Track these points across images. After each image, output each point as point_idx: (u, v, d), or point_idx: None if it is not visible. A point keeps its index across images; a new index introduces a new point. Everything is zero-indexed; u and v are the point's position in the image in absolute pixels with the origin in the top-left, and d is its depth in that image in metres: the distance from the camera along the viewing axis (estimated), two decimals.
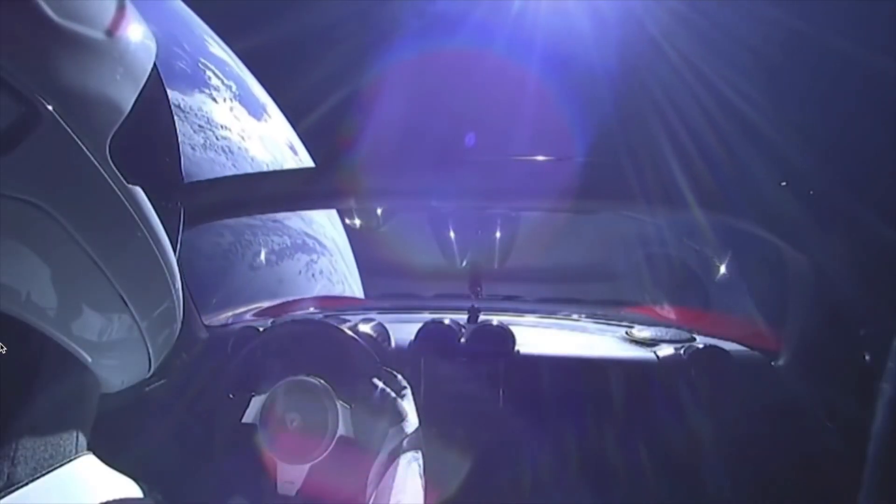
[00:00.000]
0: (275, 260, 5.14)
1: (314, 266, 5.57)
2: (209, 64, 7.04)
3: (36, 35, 0.32)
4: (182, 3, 7.56)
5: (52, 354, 0.36)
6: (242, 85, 7.40)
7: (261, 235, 5.08)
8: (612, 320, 1.63)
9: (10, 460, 0.32)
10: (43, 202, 0.31)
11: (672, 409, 1.24)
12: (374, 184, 1.30)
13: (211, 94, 6.69)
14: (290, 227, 5.62)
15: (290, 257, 5.42)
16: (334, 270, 5.77)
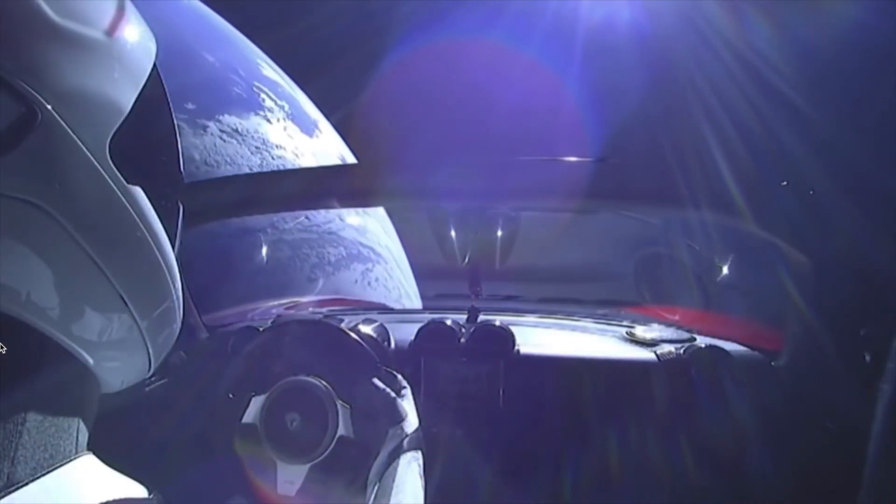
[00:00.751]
0: (331, 271, 5.21)
1: (370, 274, 5.63)
2: (263, 87, 7.19)
3: (36, 35, 0.32)
4: (237, 31, 7.68)
5: (52, 354, 0.36)
6: (294, 104, 7.56)
7: (317, 247, 5.16)
8: (612, 320, 1.63)
9: (10, 460, 0.32)
10: (43, 202, 0.31)
11: (672, 409, 1.24)
12: (376, 184, 1.30)
13: (265, 115, 6.85)
14: (344, 238, 5.70)
15: (346, 268, 5.50)
16: (390, 277, 5.80)
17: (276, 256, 4.44)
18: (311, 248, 5.10)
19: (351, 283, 5.45)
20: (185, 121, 5.59)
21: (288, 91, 7.64)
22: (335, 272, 5.30)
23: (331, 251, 5.42)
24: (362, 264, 5.75)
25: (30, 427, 0.33)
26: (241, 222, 4.19)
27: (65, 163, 0.32)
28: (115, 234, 0.36)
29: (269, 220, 4.57)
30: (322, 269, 5.12)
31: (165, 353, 0.46)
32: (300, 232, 5.07)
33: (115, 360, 0.41)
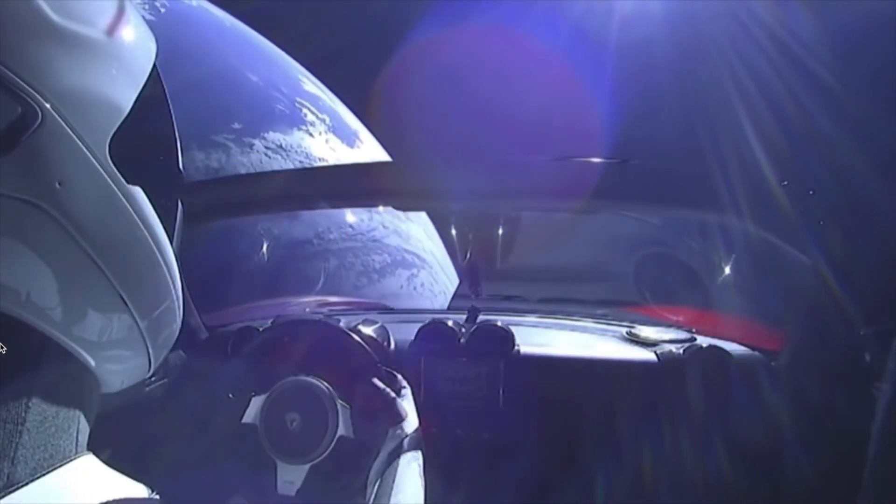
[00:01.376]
0: (377, 278, 5.25)
1: (415, 280, 5.66)
2: (304, 101, 7.32)
3: (36, 35, 0.32)
4: (278, 49, 7.78)
5: (52, 354, 0.36)
6: (335, 116, 7.68)
7: (361, 255, 5.24)
8: (612, 320, 1.63)
9: (10, 460, 0.32)
10: (43, 202, 0.31)
11: (672, 409, 1.24)
12: (377, 185, 1.30)
13: (308, 129, 7.00)
14: (388, 245, 5.73)
15: (391, 274, 5.53)
16: (435, 282, 5.82)
17: (322, 267, 4.53)
18: (357, 256, 5.19)
19: (396, 290, 5.46)
20: (231, 140, 5.67)
21: (328, 104, 7.80)
22: (380, 279, 5.35)
23: (375, 258, 5.48)
24: (407, 270, 5.79)
25: (30, 427, 0.33)
26: (288, 235, 4.24)
27: (65, 163, 0.32)
28: (115, 234, 0.36)
29: (315, 231, 4.60)
30: (368, 277, 5.20)
31: (165, 353, 0.46)
32: (345, 241, 5.16)
33: (115, 360, 0.41)
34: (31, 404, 0.33)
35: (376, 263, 5.45)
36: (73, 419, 0.37)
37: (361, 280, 4.98)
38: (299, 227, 4.70)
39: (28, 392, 0.34)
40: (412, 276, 5.68)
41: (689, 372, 1.22)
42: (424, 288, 5.64)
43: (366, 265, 5.30)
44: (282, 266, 3.82)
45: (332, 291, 4.54)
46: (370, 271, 5.27)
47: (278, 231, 3.99)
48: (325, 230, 4.78)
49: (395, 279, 5.42)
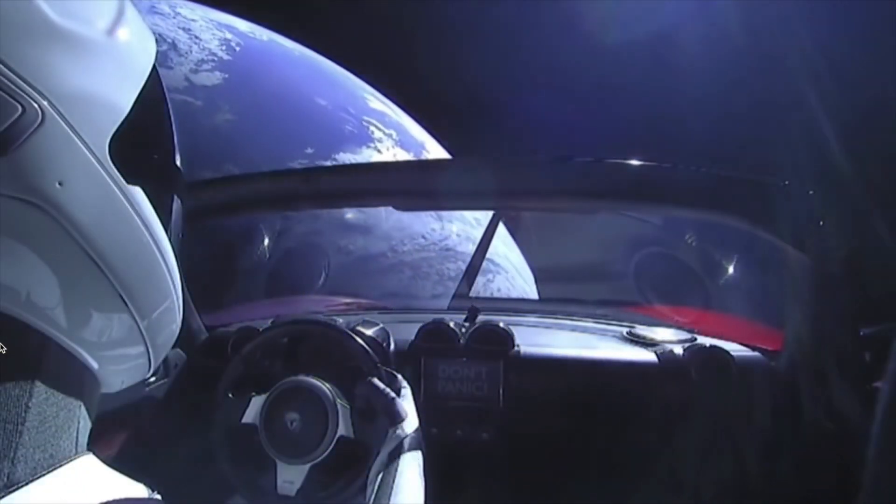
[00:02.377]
0: (452, 286, 5.27)
1: (491, 286, 5.50)
2: (372, 119, 7.42)
3: (36, 35, 0.32)
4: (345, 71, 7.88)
5: (52, 354, 0.36)
6: (402, 129, 7.79)
7: (436, 265, 5.24)
8: (612, 320, 1.63)
9: (10, 460, 0.32)
10: (43, 202, 0.31)
11: (673, 409, 1.24)
12: (377, 185, 1.30)
13: (376, 146, 7.10)
14: (462, 253, 5.66)
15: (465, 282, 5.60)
16: (512, 287, 5.70)
17: (399, 278, 4.51)
18: (431, 266, 5.19)
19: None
20: (305, 165, 5.71)
21: (395, 119, 7.89)
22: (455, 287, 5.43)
23: (450, 267, 5.45)
24: (482, 276, 5.75)
25: (30, 427, 0.33)
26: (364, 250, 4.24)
27: (65, 163, 0.32)
28: (115, 234, 0.36)
29: (389, 244, 4.59)
30: (443, 286, 5.14)
31: (165, 353, 0.46)
32: (418, 252, 5.19)
33: (115, 360, 0.41)
34: (31, 405, 0.33)
35: (451, 272, 5.41)
36: (73, 419, 0.37)
37: (437, 289, 4.93)
38: (374, 241, 4.73)
39: (28, 392, 0.34)
40: (488, 283, 5.51)
41: (689, 372, 1.22)
42: (502, 294, 5.51)
43: (440, 274, 5.29)
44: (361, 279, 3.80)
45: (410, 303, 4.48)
46: (445, 280, 5.23)
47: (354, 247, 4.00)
48: (398, 243, 4.82)
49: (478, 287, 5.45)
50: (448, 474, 0.94)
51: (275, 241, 2.57)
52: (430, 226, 5.54)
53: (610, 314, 1.72)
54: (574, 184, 1.21)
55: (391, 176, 1.33)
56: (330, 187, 1.26)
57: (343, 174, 1.33)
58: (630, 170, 1.21)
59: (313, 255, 2.83)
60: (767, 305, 1.50)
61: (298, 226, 3.38)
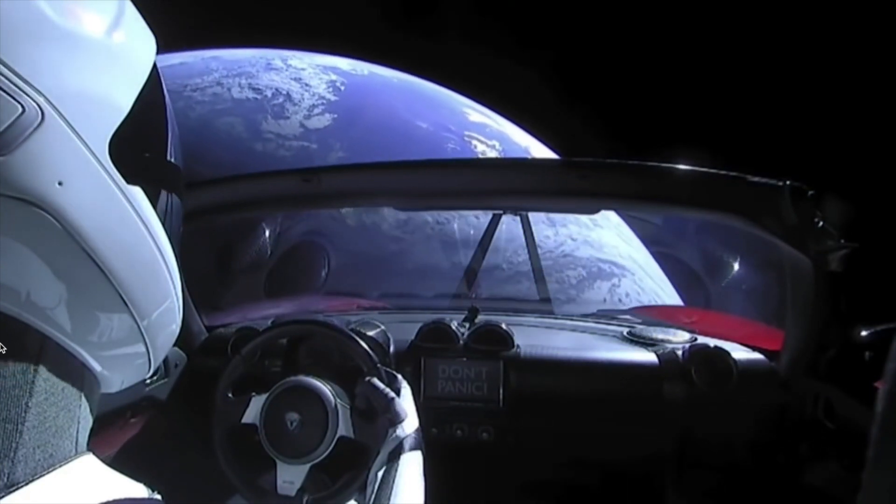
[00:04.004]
0: (574, 294, 4.95)
1: (618, 290, 5.24)
2: (473, 133, 7.41)
3: (36, 35, 0.32)
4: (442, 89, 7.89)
5: (52, 354, 0.36)
6: (504, 138, 7.62)
7: (555, 273, 4.94)
8: (612, 320, 1.63)
9: (10, 460, 0.32)
10: (43, 202, 0.31)
11: (673, 409, 1.24)
12: (377, 185, 1.30)
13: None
14: (580, 258, 5.40)
15: (589, 288, 5.15)
16: (642, 290, 5.35)
17: (517, 289, 4.36)
18: (549, 275, 4.78)
19: (599, 303, 5.08)
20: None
21: (496, 129, 7.72)
22: (578, 295, 5.01)
23: (569, 274, 5.15)
24: (606, 281, 5.36)
25: (30, 427, 0.33)
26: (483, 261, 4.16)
27: (65, 163, 0.32)
28: (115, 234, 0.36)
29: (503, 256, 4.36)
30: (565, 294, 4.85)
31: (165, 353, 0.46)
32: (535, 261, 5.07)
33: (115, 360, 0.41)
34: (30, 405, 0.33)
35: (572, 279, 5.10)
36: (73, 419, 0.37)
37: (559, 297, 4.56)
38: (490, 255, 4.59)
39: (28, 392, 0.34)
40: (614, 287, 5.24)
41: (689, 372, 1.22)
42: (630, 298, 5.19)
43: (560, 282, 4.97)
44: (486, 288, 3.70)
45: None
46: (567, 288, 4.95)
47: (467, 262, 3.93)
48: (512, 254, 4.51)
49: (594, 293, 5.08)
50: (448, 474, 0.94)
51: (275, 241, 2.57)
52: (544, 233, 5.22)
53: (610, 314, 1.72)
54: (574, 184, 1.21)
55: (391, 176, 1.33)
56: (330, 187, 1.26)
57: (343, 174, 1.33)
58: (630, 170, 1.21)
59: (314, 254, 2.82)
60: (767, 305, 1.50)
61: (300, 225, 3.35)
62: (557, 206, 1.51)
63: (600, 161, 1.22)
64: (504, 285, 4.19)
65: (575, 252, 5.36)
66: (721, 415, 1.24)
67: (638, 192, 1.20)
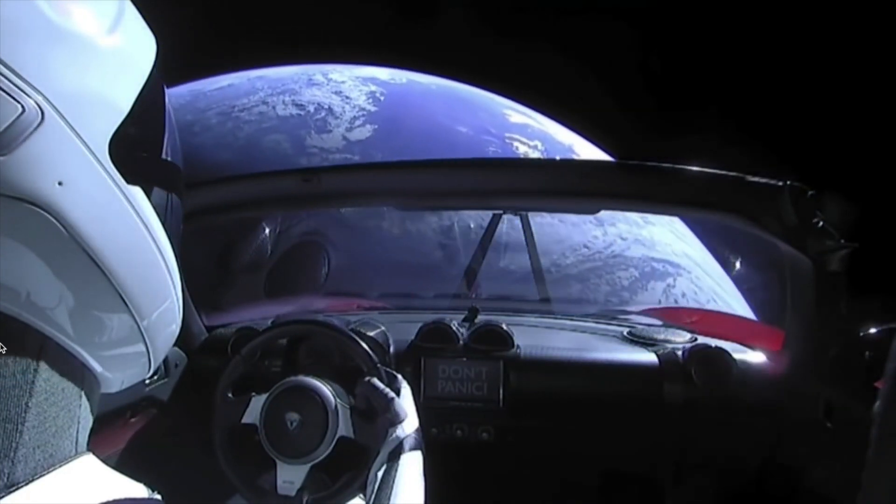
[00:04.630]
0: (628, 297, 4.74)
1: (673, 291, 4.91)
2: (514, 134, 7.21)
3: (36, 35, 0.32)
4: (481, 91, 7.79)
5: (52, 354, 0.36)
6: (546, 137, 7.35)
7: (605, 275, 4.74)
8: (612, 320, 1.63)
9: (10, 460, 0.32)
10: (43, 202, 0.31)
11: (673, 409, 1.24)
12: (374, 184, 1.30)
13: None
14: (632, 258, 5.13)
15: (643, 289, 4.87)
16: (699, 289, 5.03)
17: (567, 293, 4.11)
18: (600, 277, 4.67)
19: (654, 305, 4.67)
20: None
21: (538, 128, 7.50)
22: (633, 297, 4.75)
23: (621, 275, 4.86)
24: (661, 281, 5.02)
25: (30, 427, 0.33)
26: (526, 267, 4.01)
27: (65, 163, 0.32)
28: (115, 234, 0.36)
29: (550, 259, 4.20)
30: (618, 297, 4.64)
31: (165, 353, 0.46)
32: (583, 263, 4.71)
33: (115, 360, 0.41)
34: (30, 404, 0.33)
35: (623, 281, 4.80)
36: (73, 419, 0.37)
37: (611, 301, 4.47)
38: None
39: (28, 392, 0.34)
40: (669, 288, 4.90)
41: (689, 372, 1.22)
42: (687, 298, 4.85)
43: (612, 284, 4.71)
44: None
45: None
46: (619, 290, 4.68)
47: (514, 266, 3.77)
48: (560, 256, 4.42)
49: (649, 294, 4.75)
50: (448, 474, 0.94)
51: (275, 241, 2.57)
52: (592, 233, 4.97)
53: (610, 314, 1.72)
54: (575, 184, 1.21)
55: (391, 176, 1.33)
56: (330, 187, 1.26)
57: (343, 174, 1.33)
58: (630, 170, 1.21)
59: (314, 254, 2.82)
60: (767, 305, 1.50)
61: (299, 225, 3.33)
62: (558, 206, 1.51)
63: (600, 161, 1.22)
64: (556, 288, 4.03)
65: (625, 252, 5.07)
66: (721, 415, 1.24)
67: (638, 193, 1.20)
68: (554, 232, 4.68)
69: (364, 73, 7.57)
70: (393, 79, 7.73)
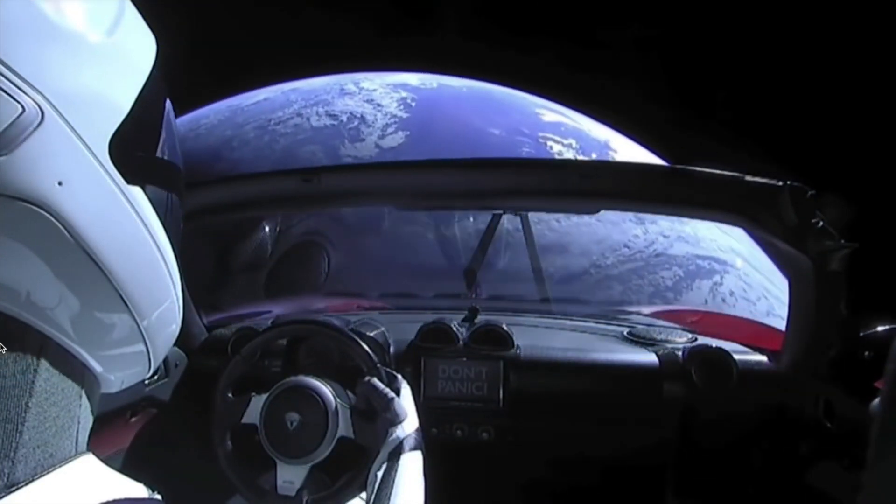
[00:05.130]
0: (672, 297, 4.48)
1: (720, 289, 4.65)
2: (547, 133, 6.97)
3: (36, 35, 0.32)
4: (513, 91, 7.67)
5: (52, 354, 0.36)
6: (581, 135, 7.05)
7: (647, 275, 4.52)
8: (612, 320, 1.63)
9: (10, 460, 0.32)
10: (43, 202, 0.31)
11: (673, 409, 1.24)
12: (374, 184, 1.30)
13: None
14: (676, 256, 4.85)
15: (688, 289, 4.58)
16: (748, 286, 4.70)
17: (608, 295, 3.98)
18: (642, 277, 4.43)
19: (700, 305, 4.44)
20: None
21: (572, 126, 7.23)
22: (677, 297, 4.46)
23: (664, 275, 4.58)
24: (707, 279, 4.72)
25: (30, 427, 0.33)
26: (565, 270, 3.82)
27: (65, 163, 0.32)
28: (115, 234, 0.36)
29: (590, 261, 4.10)
30: (661, 297, 4.37)
31: (165, 353, 0.46)
32: (624, 264, 4.49)
33: (115, 360, 0.41)
34: (30, 404, 0.33)
35: (667, 280, 4.51)
36: (73, 419, 0.37)
37: (655, 302, 4.23)
38: (576, 260, 4.11)
39: (28, 392, 0.34)
40: (716, 286, 4.64)
41: (689, 372, 1.22)
42: (736, 297, 4.56)
43: (655, 285, 4.46)
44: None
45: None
46: (663, 291, 4.41)
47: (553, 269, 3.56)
48: (599, 257, 4.24)
49: (694, 293, 4.45)
50: (448, 474, 0.94)
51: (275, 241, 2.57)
52: (632, 232, 4.71)
53: (610, 314, 1.72)
54: (575, 184, 1.21)
55: (391, 176, 1.33)
56: (330, 187, 1.26)
57: (343, 174, 1.33)
58: (630, 170, 1.21)
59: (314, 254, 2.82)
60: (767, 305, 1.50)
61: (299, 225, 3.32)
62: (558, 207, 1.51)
63: (600, 161, 1.22)
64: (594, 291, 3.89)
65: (668, 250, 4.76)
66: (721, 415, 1.24)
67: (638, 193, 1.20)
68: (592, 231, 4.49)
69: (394, 79, 7.52)
70: (423, 84, 7.67)
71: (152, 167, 0.41)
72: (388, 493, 0.72)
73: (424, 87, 7.66)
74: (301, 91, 7.14)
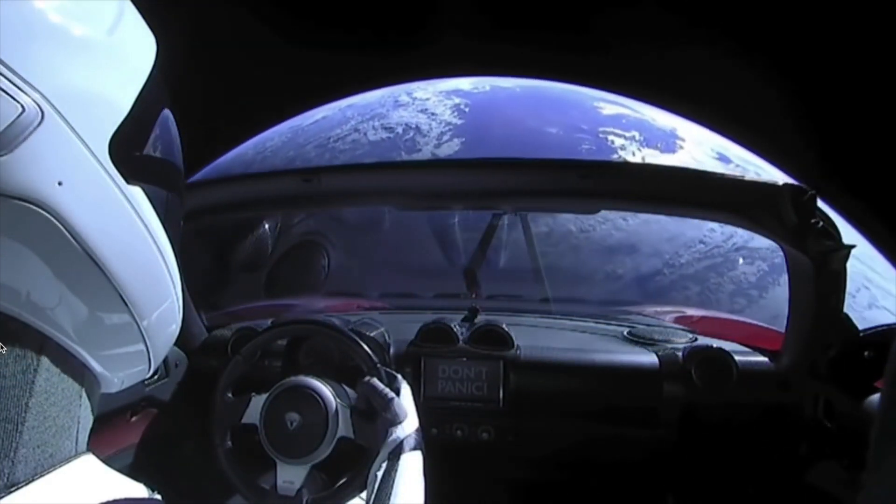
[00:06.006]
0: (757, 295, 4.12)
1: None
2: (608, 128, 6.72)
3: (36, 35, 0.32)
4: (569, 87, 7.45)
5: (52, 354, 0.36)
6: (644, 126, 6.75)
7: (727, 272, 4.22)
8: (612, 320, 1.63)
9: (10, 460, 0.32)
10: (43, 202, 0.31)
11: (673, 409, 1.24)
12: (375, 184, 1.30)
13: (619, 154, 6.14)
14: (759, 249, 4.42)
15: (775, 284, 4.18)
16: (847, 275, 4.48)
17: (684, 295, 3.78)
18: (721, 274, 4.14)
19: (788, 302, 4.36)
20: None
21: (634, 117, 6.94)
22: (763, 295, 4.10)
23: (746, 270, 4.24)
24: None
25: (30, 427, 0.33)
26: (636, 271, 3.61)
27: (65, 163, 0.32)
28: (115, 234, 0.36)
29: (663, 260, 3.91)
30: (745, 296, 4.06)
31: (165, 353, 0.46)
32: (700, 261, 4.20)
33: (115, 360, 0.41)
34: (30, 404, 0.34)
35: (750, 276, 4.17)
36: (73, 419, 0.37)
37: (738, 301, 3.94)
38: (648, 260, 3.90)
39: (28, 392, 0.34)
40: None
41: (689, 372, 1.22)
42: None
43: (737, 282, 4.15)
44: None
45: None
46: (746, 288, 4.09)
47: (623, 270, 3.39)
48: (673, 256, 3.99)
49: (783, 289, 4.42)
50: (448, 474, 0.94)
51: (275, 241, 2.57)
52: (707, 226, 4.37)
53: (610, 314, 1.72)
54: (575, 184, 1.21)
55: (391, 176, 1.33)
56: (330, 187, 1.26)
57: (343, 174, 1.33)
58: (630, 170, 1.20)
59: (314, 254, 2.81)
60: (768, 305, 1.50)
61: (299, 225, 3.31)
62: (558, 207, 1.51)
63: (600, 161, 1.22)
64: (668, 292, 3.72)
65: (749, 243, 4.35)
66: (721, 415, 1.24)
67: (638, 193, 1.20)
68: (662, 229, 4.16)
69: (447, 86, 7.42)
70: (476, 88, 7.53)
71: (152, 167, 0.41)
72: (388, 493, 0.72)
73: (477, 92, 7.52)
74: (357, 107, 7.09)
